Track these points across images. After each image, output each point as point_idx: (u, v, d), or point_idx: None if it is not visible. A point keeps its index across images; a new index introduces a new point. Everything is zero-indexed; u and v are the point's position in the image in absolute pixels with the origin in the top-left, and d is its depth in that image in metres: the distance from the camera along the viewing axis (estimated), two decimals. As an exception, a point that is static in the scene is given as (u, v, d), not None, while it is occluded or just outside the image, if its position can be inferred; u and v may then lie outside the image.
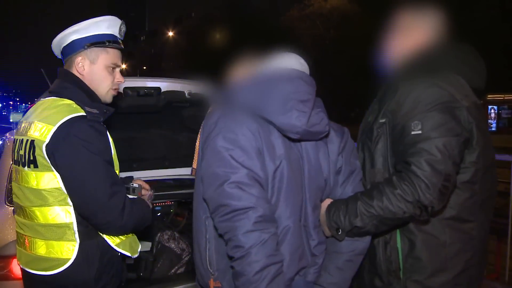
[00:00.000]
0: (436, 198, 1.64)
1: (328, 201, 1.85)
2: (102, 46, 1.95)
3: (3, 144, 3.78)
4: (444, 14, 1.93)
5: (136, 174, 3.28)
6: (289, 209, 1.68)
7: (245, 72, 1.89)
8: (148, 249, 3.16)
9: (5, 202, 2.86)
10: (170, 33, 47.75)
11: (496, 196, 1.94)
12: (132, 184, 2.08)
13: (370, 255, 1.94)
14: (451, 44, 1.91)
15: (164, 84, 3.11)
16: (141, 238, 2.13)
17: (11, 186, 2.91)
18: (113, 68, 2.00)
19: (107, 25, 1.96)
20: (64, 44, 1.95)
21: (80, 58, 1.94)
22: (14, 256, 2.44)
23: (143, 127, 3.47)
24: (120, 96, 2.87)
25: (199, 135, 1.79)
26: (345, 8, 26.91)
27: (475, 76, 1.89)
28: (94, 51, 1.95)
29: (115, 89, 2.04)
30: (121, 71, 2.08)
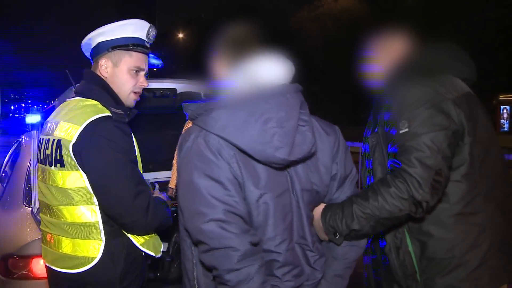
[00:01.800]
0: (428, 193, 1.65)
1: (321, 206, 1.79)
2: (126, 49, 1.97)
3: (19, 146, 3.81)
4: (410, 27, 2.02)
5: (152, 175, 3.31)
6: (279, 236, 1.59)
7: (223, 75, 1.67)
8: (165, 249, 3.18)
9: (23, 203, 2.89)
10: (180, 35, 47.89)
11: (506, 185, 1.93)
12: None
13: (384, 263, 1.95)
14: (433, 45, 1.97)
15: (180, 85, 3.13)
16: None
17: (29, 186, 2.95)
18: (136, 71, 2.02)
19: (133, 28, 1.98)
20: (92, 46, 2.00)
21: (104, 60, 1.97)
22: (33, 256, 2.48)
23: (159, 128, 3.49)
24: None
25: (176, 152, 1.70)
26: (355, 8, 26.80)
27: (463, 68, 1.95)
28: (117, 54, 1.97)
29: (137, 92, 2.05)
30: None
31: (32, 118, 3.71)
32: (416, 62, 1.91)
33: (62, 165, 1.82)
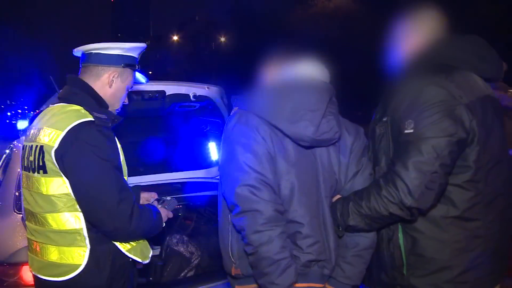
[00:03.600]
0: (418, 200, 1.65)
1: (335, 198, 1.92)
2: (133, 69, 2.05)
3: (11, 152, 3.79)
4: (441, 12, 1.92)
5: (142, 178, 3.28)
6: (303, 209, 1.80)
7: (271, 75, 1.98)
8: (157, 253, 3.16)
9: (14, 209, 2.87)
10: (175, 38, 47.87)
11: (510, 193, 1.89)
12: (166, 198, 2.25)
13: (377, 251, 1.95)
14: (457, 38, 1.89)
15: (168, 87, 3.11)
16: (149, 243, 2.13)
17: (19, 193, 2.93)
18: (128, 89, 2.09)
19: (139, 51, 2.07)
20: (101, 52, 1.97)
21: (114, 73, 1.99)
22: (23, 263, 2.45)
23: (149, 130, 3.47)
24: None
25: None
26: (348, 7, 26.82)
27: (486, 66, 1.87)
28: (127, 72, 2.03)
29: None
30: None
31: (23, 124, 3.69)
32: (438, 55, 1.85)
33: (45, 172, 1.79)
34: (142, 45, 2.07)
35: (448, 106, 1.69)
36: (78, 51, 2.03)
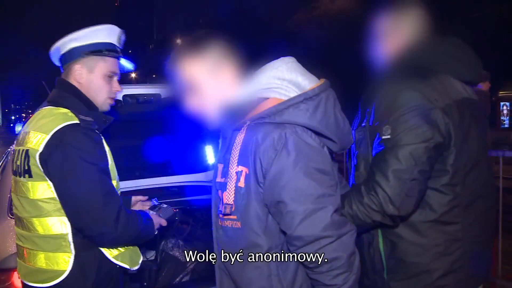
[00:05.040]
0: (399, 208, 1.66)
1: None
2: (100, 54, 1.94)
3: (7, 156, 3.79)
4: (425, 13, 1.90)
5: (139, 182, 3.25)
6: None
7: (238, 78, 1.62)
8: (152, 258, 3.13)
9: (8, 214, 2.85)
10: (178, 41, 48.03)
11: (490, 195, 1.89)
12: (163, 205, 2.23)
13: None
14: (437, 40, 1.88)
15: (164, 90, 3.08)
16: (144, 247, 2.10)
17: (13, 197, 2.91)
18: (110, 76, 1.99)
19: (105, 33, 1.96)
20: (63, 52, 1.94)
21: (78, 66, 1.93)
22: (15, 269, 2.42)
23: (144, 134, 3.44)
24: (119, 104, 2.86)
25: (236, 166, 1.50)
26: (352, 9, 26.79)
27: (464, 69, 1.86)
28: (92, 60, 1.94)
29: (112, 98, 2.04)
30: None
31: (20, 128, 3.69)
32: (416, 58, 1.84)
33: (30, 176, 1.77)
34: (103, 27, 1.96)
35: (423, 110, 1.68)
36: (54, 55, 2.00)
